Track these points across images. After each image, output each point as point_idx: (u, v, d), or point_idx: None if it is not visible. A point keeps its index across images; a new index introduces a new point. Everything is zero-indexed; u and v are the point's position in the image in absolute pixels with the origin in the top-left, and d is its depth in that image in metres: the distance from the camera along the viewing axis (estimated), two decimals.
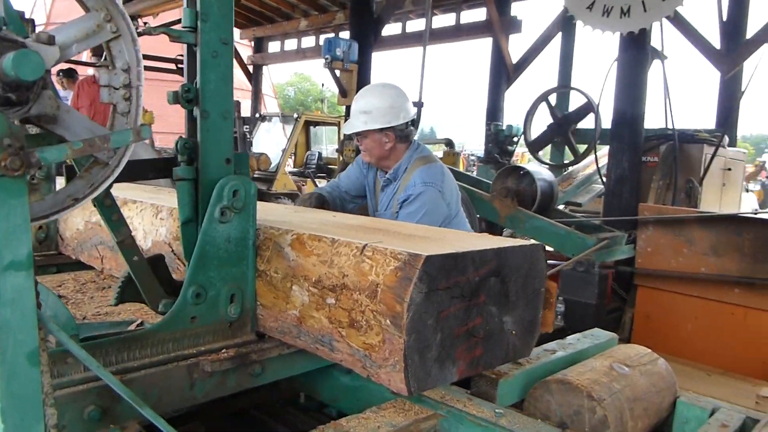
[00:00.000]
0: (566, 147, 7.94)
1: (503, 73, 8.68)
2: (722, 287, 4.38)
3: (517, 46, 8.79)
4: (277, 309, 1.54)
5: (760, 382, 3.81)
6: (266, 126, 12.09)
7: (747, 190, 20.85)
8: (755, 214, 11.47)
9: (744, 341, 4.27)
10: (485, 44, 9.02)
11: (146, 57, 6.32)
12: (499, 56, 8.64)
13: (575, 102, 7.65)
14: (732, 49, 6.61)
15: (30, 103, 1.10)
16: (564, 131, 7.46)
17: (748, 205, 13.98)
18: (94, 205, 1.43)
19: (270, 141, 11.82)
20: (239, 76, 18.48)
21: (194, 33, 1.44)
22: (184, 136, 1.51)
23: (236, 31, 13.53)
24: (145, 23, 10.68)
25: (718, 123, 7.00)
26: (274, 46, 13.65)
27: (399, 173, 2.80)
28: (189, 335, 1.48)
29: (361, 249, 1.35)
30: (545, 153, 8.29)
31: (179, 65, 5.02)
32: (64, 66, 8.74)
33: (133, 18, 11.13)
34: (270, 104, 25.71)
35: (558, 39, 8.21)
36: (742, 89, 6.78)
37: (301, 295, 1.46)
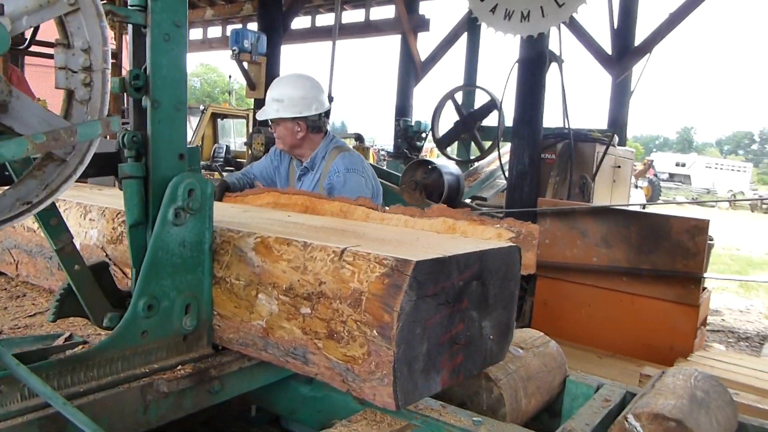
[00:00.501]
0: (472, 143, 8.24)
1: (412, 70, 8.86)
2: (612, 276, 4.72)
3: (425, 44, 8.99)
4: (238, 319, 1.40)
5: (644, 363, 4.15)
6: None
7: (636, 187, 22.41)
8: (643, 208, 12.36)
9: (631, 326, 4.62)
10: (395, 41, 9.16)
11: (39, 43, 5.96)
12: (407, 53, 8.80)
13: (481, 100, 7.94)
14: (622, 54, 7.10)
15: None
16: (470, 128, 7.71)
17: (637, 200, 15.03)
18: None
19: None
20: None
21: (144, 13, 1.27)
22: (130, 129, 1.34)
23: None
24: None
25: (609, 124, 7.50)
26: None
27: (316, 162, 2.86)
28: (140, 352, 1.32)
29: (339, 254, 1.24)
30: (452, 149, 8.55)
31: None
32: None
33: None
34: None
35: (464, 39, 8.48)
36: (631, 92, 7.30)
37: (269, 305, 1.33)
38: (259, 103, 8.06)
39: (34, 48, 6.45)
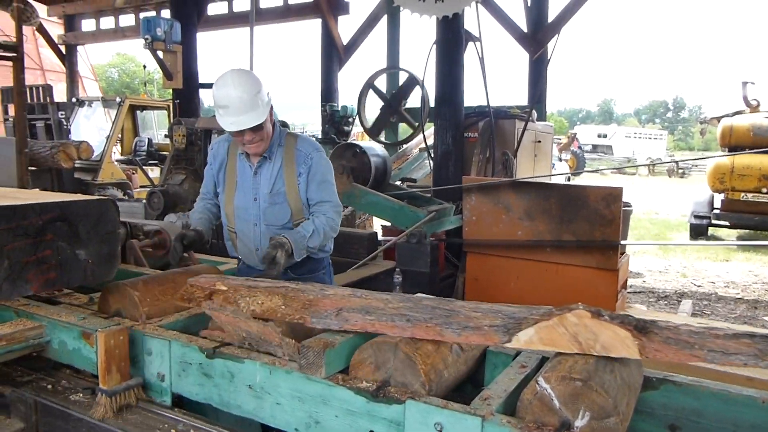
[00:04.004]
0: (400, 126, 8.29)
1: (335, 54, 8.79)
2: (537, 248, 4.87)
3: (346, 28, 8.92)
4: None
5: None
6: (86, 111, 11.12)
7: (560, 159, 23.16)
8: (567, 179, 12.74)
9: (556, 294, 4.79)
10: (315, 25, 9.06)
11: None
12: (329, 38, 8.73)
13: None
14: (537, 31, 7.28)
15: None
16: (396, 110, 7.76)
17: (561, 172, 15.54)
18: None
19: (91, 127, 10.91)
20: (50, 57, 16.78)
21: None
22: None
23: (42, 8, 12.31)
24: None
25: (529, 100, 7.70)
26: (88, 24, 12.56)
27: (273, 151, 2.72)
28: None
29: None
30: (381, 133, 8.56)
31: None
32: None
33: None
34: (90, 87, 23.60)
35: (385, 21, 8.47)
36: (546, 65, 7.51)
37: None
38: (178, 93, 7.83)
39: None
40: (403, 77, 7.93)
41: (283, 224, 2.73)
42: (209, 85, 8.94)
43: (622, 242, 4.81)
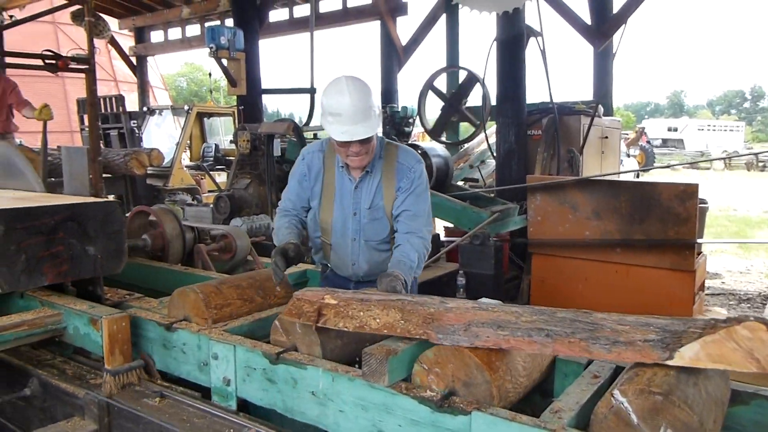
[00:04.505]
0: (460, 125, 8.19)
1: (394, 55, 8.78)
2: (606, 249, 4.69)
3: (405, 29, 8.89)
4: None
5: None
6: (156, 119, 11.55)
7: (629, 156, 22.36)
8: (636, 176, 12.31)
9: (628, 297, 4.60)
10: (374, 27, 9.07)
11: (12, 54, 5.87)
12: (388, 39, 8.72)
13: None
14: (601, 23, 7.03)
15: None
16: (457, 109, 7.67)
17: (629, 169, 14.99)
18: None
19: (162, 135, 11.32)
20: (122, 69, 17.54)
21: None
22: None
23: (114, 21, 12.87)
24: (11, 16, 9.87)
25: (595, 94, 7.44)
26: (157, 36, 13.04)
27: (374, 164, 2.55)
28: None
29: None
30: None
31: (47, 61, 4.69)
32: None
33: None
34: (161, 96, 24.58)
35: (444, 20, 8.39)
36: (612, 57, 7.24)
37: None
38: (242, 100, 8.00)
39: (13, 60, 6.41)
40: (463, 76, 7.84)
41: (382, 239, 2.62)
42: (272, 91, 9.12)
43: (699, 241, 4.57)
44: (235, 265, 3.52)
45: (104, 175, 7.29)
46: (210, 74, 14.66)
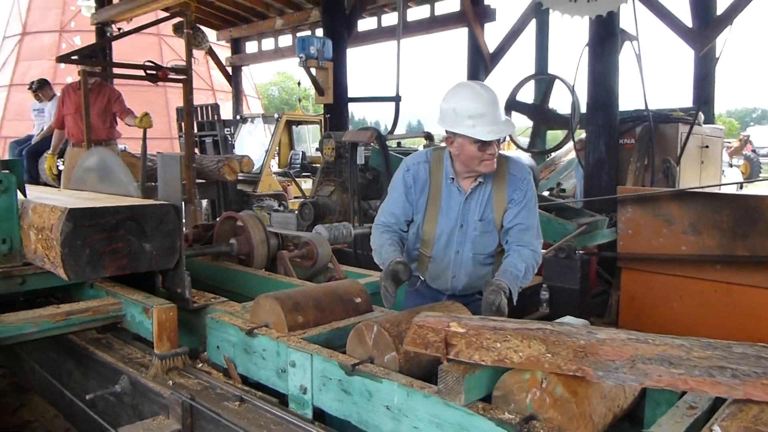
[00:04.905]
0: (547, 134, 7.97)
1: (481, 62, 8.66)
2: (704, 265, 4.39)
3: (493, 35, 8.76)
4: (30, 249, 2.57)
5: None
6: (248, 127, 12.01)
7: (731, 166, 20.98)
8: (739, 188, 11.56)
9: (729, 319, 4.28)
10: (460, 34, 9.00)
11: (117, 64, 6.29)
12: (475, 46, 8.62)
13: (556, 89, 7.66)
14: (704, 26, 6.62)
15: None
16: (544, 117, 7.47)
17: (732, 180, 14.04)
18: None
19: (253, 142, 11.75)
20: (219, 78, 18.37)
21: None
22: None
23: (212, 33, 13.49)
24: (119, 29, 10.58)
25: (695, 100, 7.02)
26: (251, 47, 13.55)
27: (486, 175, 2.48)
28: None
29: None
30: (525, 139, 8.30)
31: (148, 71, 4.97)
32: (31, 76, 8.67)
33: (107, 24, 11.02)
34: (254, 105, 25.57)
35: (533, 26, 8.20)
36: (716, 62, 6.80)
37: (35, 241, 2.49)
38: (329, 108, 8.16)
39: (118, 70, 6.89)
40: (551, 83, 7.62)
41: (489, 253, 2.56)
42: (358, 99, 9.24)
43: None
44: (315, 272, 3.57)
45: (198, 181, 7.64)
46: (299, 83, 15.07)
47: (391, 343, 1.88)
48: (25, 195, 2.77)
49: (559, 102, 7.77)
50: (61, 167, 6.28)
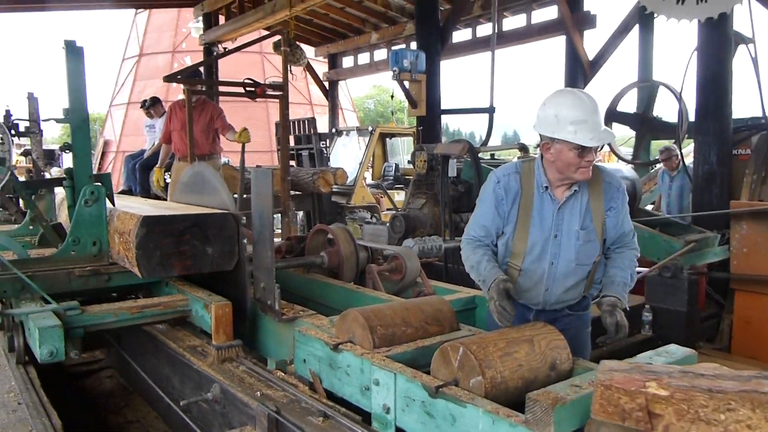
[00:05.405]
0: (651, 144, 7.55)
1: (579, 70, 8.34)
2: None
3: (592, 42, 8.43)
4: (114, 250, 2.98)
5: None
6: (343, 140, 12.26)
7: None
8: None
9: None
10: (558, 43, 8.73)
11: (219, 82, 6.61)
12: (573, 54, 8.32)
13: (661, 97, 7.27)
14: None
15: None
16: (648, 127, 7.09)
17: None
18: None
19: (348, 155, 11.96)
20: (316, 93, 18.91)
21: None
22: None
23: (311, 49, 13.93)
24: (224, 48, 11.16)
25: None
26: (347, 61, 13.86)
27: (580, 183, 2.46)
28: (70, 259, 3.01)
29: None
30: (629, 150, 7.91)
31: (247, 88, 5.18)
32: (146, 95, 9.30)
33: (214, 44, 11.66)
34: (350, 118, 26.13)
35: (636, 31, 7.81)
36: None
37: (118, 244, 2.91)
38: (421, 120, 8.15)
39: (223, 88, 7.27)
40: (655, 90, 7.23)
41: (588, 263, 2.50)
42: (451, 111, 9.18)
43: None
44: (404, 287, 3.54)
45: (294, 192, 7.86)
46: (392, 96, 15.24)
47: (477, 366, 1.81)
48: (113, 204, 3.16)
49: (664, 110, 7.32)
50: (168, 180, 6.66)
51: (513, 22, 10.18)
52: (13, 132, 4.11)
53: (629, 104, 7.75)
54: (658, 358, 1.93)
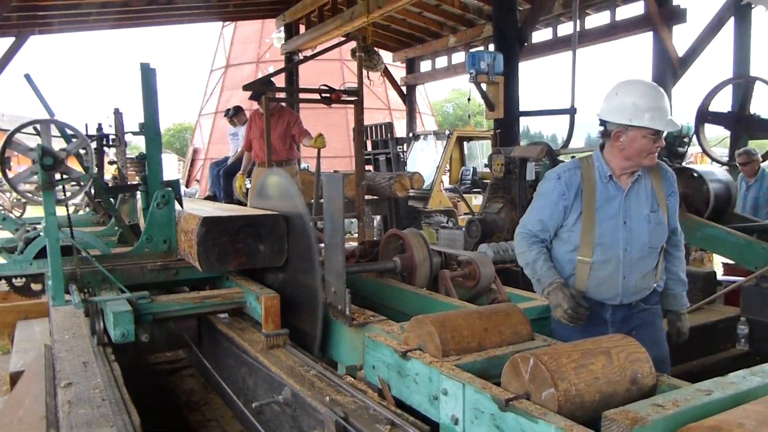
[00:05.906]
0: (748, 144, 7.06)
1: (668, 68, 7.94)
2: None
3: (681, 38, 7.98)
4: (181, 247, 3.32)
5: None
6: (420, 144, 12.24)
7: None
8: None
9: None
10: (644, 40, 8.34)
11: (295, 90, 6.74)
12: (661, 50, 7.92)
13: (758, 94, 6.80)
14: None
15: None
16: (744, 125, 6.63)
17: None
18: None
19: (425, 159, 11.94)
20: (394, 97, 19.02)
21: None
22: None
23: (389, 54, 14.02)
24: (304, 56, 11.43)
25: None
26: (425, 65, 13.84)
27: (643, 169, 2.62)
28: (144, 255, 3.45)
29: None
30: (722, 151, 7.43)
31: (322, 95, 5.25)
32: (232, 104, 9.66)
33: (295, 53, 11.97)
34: (428, 122, 26.12)
35: (730, 24, 7.34)
36: None
37: (184, 241, 3.24)
38: (499, 123, 8.00)
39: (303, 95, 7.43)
40: (751, 86, 6.75)
41: (660, 245, 2.64)
42: (530, 113, 8.95)
43: None
44: (477, 293, 3.45)
45: (371, 197, 7.91)
46: (469, 99, 15.08)
47: (549, 378, 1.72)
48: (182, 206, 3.50)
49: (763, 108, 6.83)
50: (249, 185, 6.87)
51: (596, 19, 9.84)
52: (104, 143, 4.48)
53: (722, 103, 7.30)
54: (753, 378, 1.76)
